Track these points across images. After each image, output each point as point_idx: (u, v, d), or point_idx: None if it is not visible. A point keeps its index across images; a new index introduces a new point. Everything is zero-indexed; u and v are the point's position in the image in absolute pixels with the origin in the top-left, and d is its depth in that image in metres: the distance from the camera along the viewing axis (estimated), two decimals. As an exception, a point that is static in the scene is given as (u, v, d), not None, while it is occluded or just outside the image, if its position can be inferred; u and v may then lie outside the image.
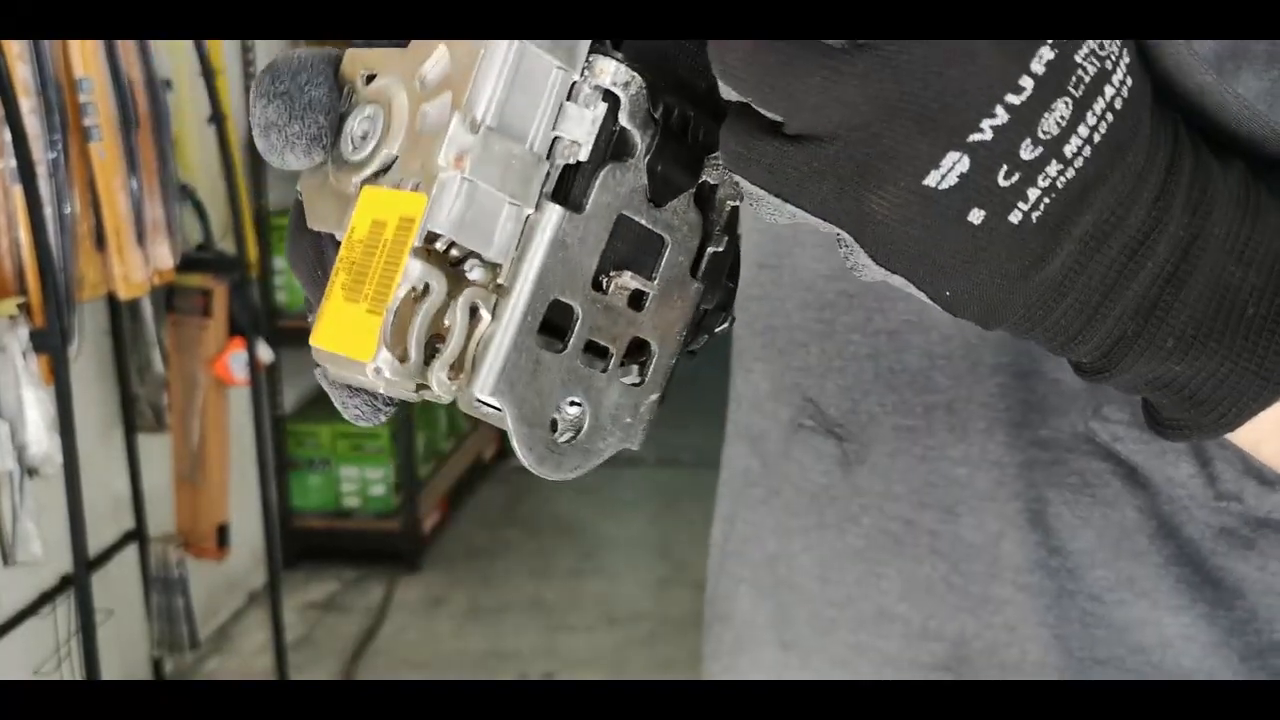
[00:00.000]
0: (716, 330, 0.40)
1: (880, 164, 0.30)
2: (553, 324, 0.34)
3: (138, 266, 2.05)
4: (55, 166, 1.85)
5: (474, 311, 0.33)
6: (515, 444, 0.34)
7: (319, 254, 0.38)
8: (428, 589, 3.21)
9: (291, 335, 3.05)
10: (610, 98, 0.34)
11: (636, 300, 0.36)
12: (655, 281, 0.36)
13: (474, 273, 0.33)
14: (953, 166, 0.30)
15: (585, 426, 0.36)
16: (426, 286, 0.32)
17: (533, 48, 0.33)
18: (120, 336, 2.41)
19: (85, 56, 1.94)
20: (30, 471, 1.75)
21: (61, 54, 1.91)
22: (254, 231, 2.71)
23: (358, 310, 0.33)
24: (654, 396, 0.37)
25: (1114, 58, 0.31)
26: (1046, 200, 0.31)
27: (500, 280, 0.34)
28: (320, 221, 0.37)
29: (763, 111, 0.31)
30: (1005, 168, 0.30)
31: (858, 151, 0.30)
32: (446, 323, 0.33)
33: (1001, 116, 0.30)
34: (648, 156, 0.35)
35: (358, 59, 0.37)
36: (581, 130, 0.34)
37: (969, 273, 0.32)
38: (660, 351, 0.37)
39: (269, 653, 2.66)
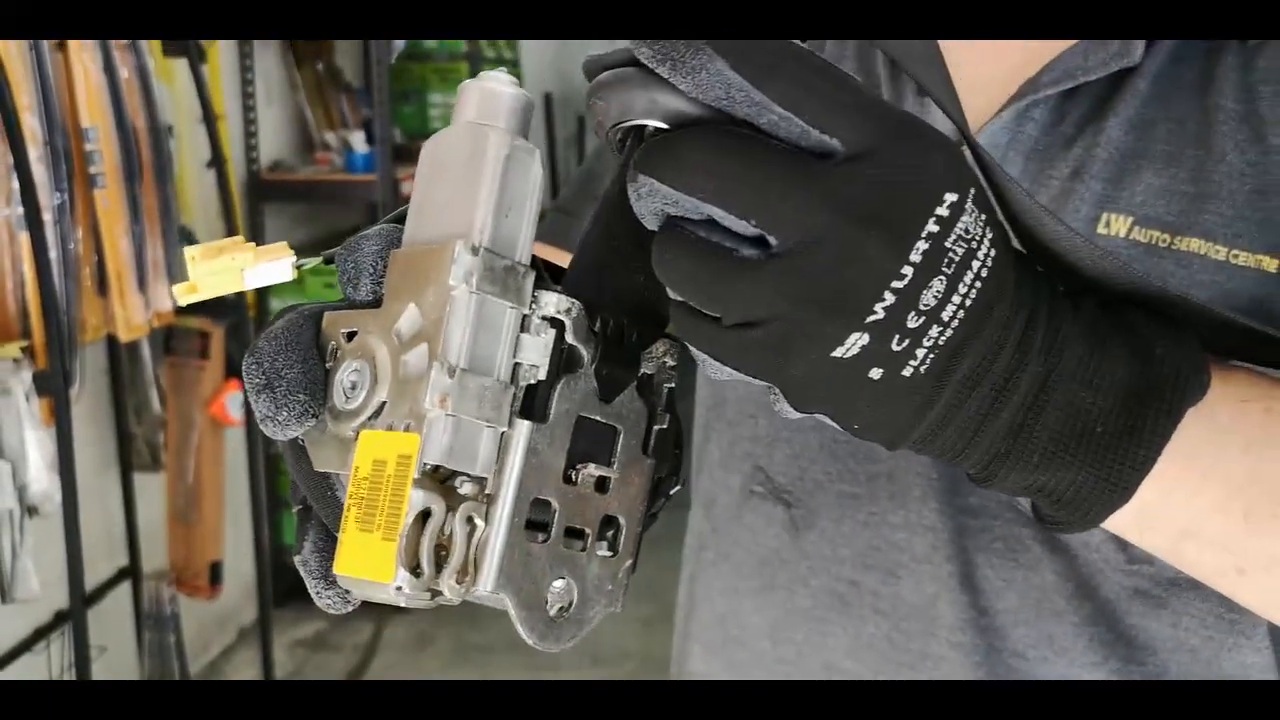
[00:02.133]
0: (671, 493, 0.46)
1: (796, 344, 0.37)
2: (534, 519, 0.40)
3: (138, 309, 2.09)
4: (60, 212, 1.89)
5: (470, 521, 0.39)
6: (518, 627, 0.40)
7: (324, 479, 0.44)
8: (415, 628, 3.23)
9: (285, 375, 3.08)
10: (556, 324, 0.40)
11: (601, 484, 0.42)
12: (614, 466, 0.42)
13: (464, 488, 0.39)
14: (855, 341, 0.37)
15: (574, 600, 0.42)
16: (429, 510, 0.38)
17: (490, 298, 0.39)
18: (119, 377, 2.45)
19: (91, 105, 1.99)
20: (30, 510, 1.79)
21: (69, 103, 1.96)
22: (251, 274, 2.75)
23: (373, 539, 0.38)
24: (628, 563, 0.44)
25: (979, 237, 0.38)
26: (931, 356, 0.38)
27: (488, 490, 0.39)
28: (324, 464, 0.42)
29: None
30: (897, 336, 0.37)
31: (777, 336, 0.37)
32: (447, 532, 0.39)
33: (890, 299, 0.37)
34: (594, 364, 0.41)
35: (337, 320, 0.43)
36: (537, 355, 0.40)
37: (872, 414, 0.39)
38: (628, 523, 0.43)
39: (258, 690, 2.68)
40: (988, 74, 0.67)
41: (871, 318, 0.37)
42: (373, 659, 3.08)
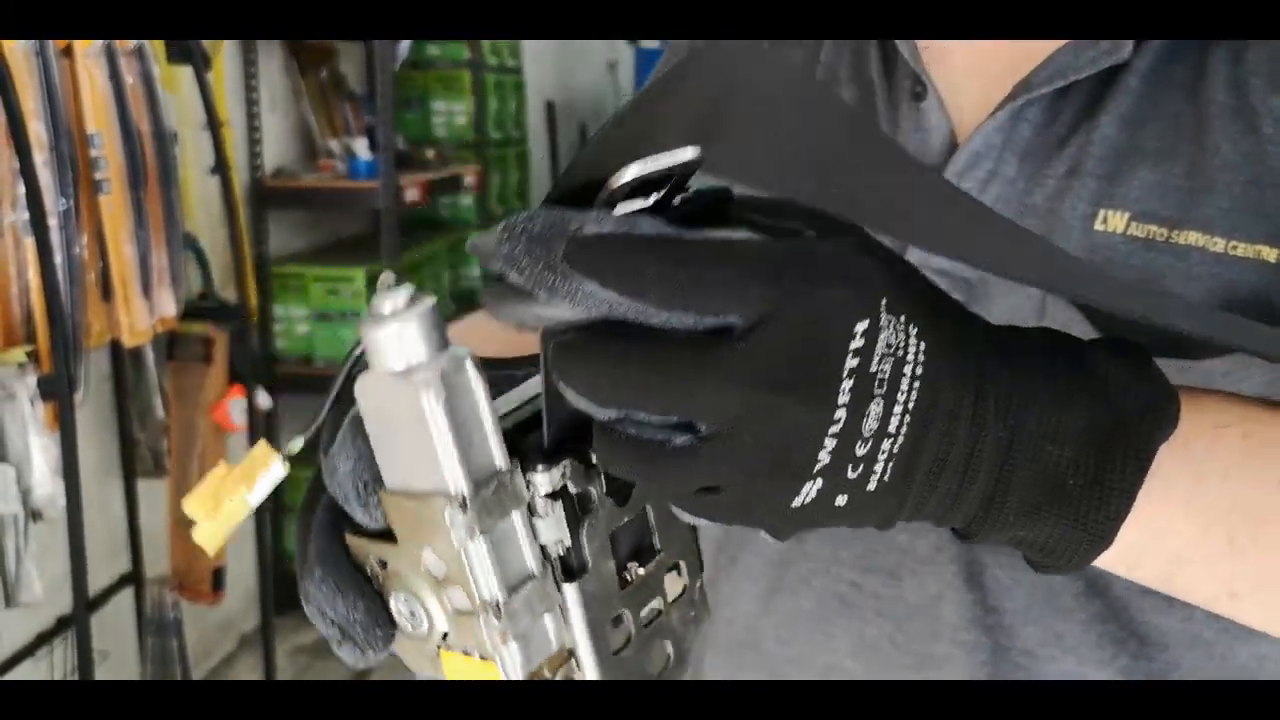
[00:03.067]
0: None
1: (753, 505, 0.38)
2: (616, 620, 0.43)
3: (142, 315, 2.10)
4: (66, 218, 1.90)
5: (568, 672, 0.42)
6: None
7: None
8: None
9: (288, 382, 3.09)
10: (558, 494, 0.41)
11: (652, 558, 0.44)
12: (655, 542, 0.44)
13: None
14: (809, 489, 0.38)
15: (672, 655, 0.45)
16: None
17: (496, 526, 0.40)
18: (122, 383, 2.45)
19: (97, 111, 2.00)
20: (34, 515, 1.79)
21: (74, 109, 1.97)
22: (254, 280, 2.77)
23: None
24: (698, 582, 0.46)
25: (904, 344, 0.38)
26: (890, 465, 0.39)
27: (568, 646, 0.42)
28: (418, 667, 0.44)
29: None
30: (849, 467, 0.38)
31: (732, 501, 0.38)
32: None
33: (831, 444, 0.37)
34: (603, 491, 0.42)
35: (364, 547, 0.43)
36: (555, 531, 0.41)
37: (852, 521, 0.40)
38: (686, 561, 0.46)
39: (260, 696, 2.67)
40: (981, 76, 0.68)
41: (818, 465, 0.37)
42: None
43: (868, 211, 0.37)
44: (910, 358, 0.38)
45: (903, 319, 0.38)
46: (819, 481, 0.38)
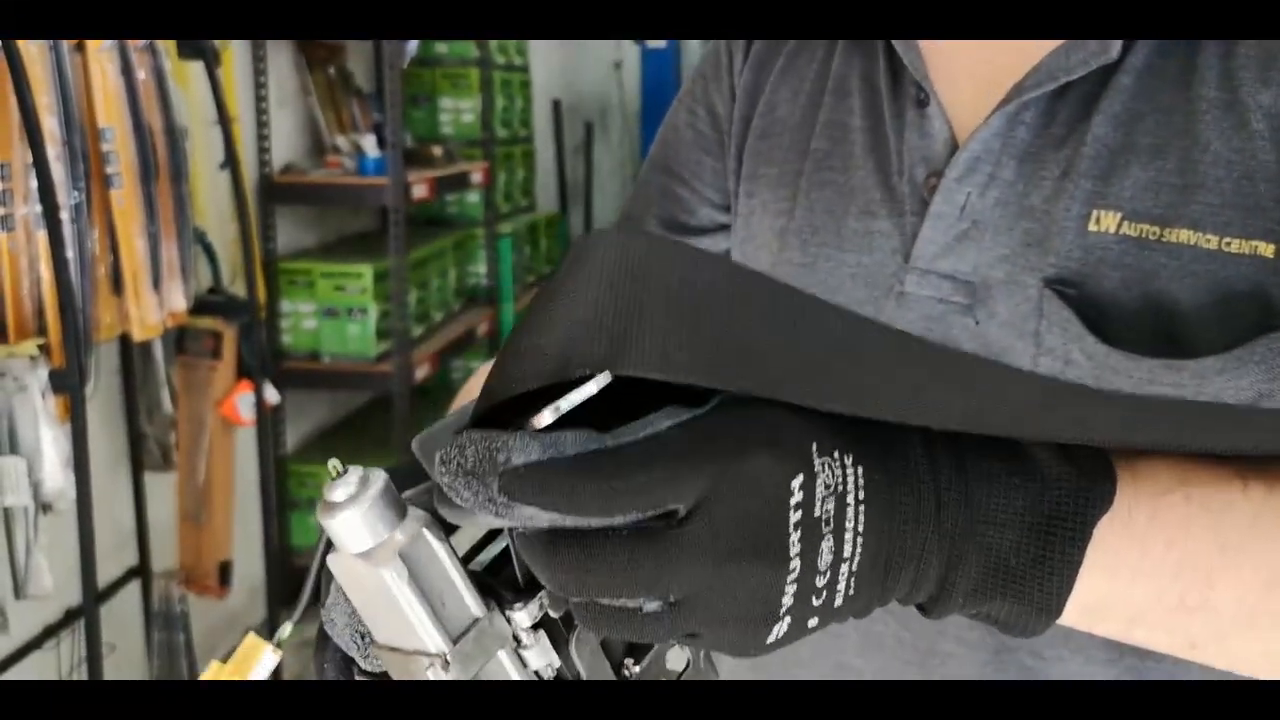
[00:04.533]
0: None
1: (733, 648, 0.41)
2: None
3: (152, 309, 2.11)
4: (77, 212, 1.91)
5: None
6: None
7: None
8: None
9: (295, 377, 3.10)
10: (540, 624, 0.43)
11: (648, 650, 0.46)
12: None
13: None
14: (779, 628, 0.40)
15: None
16: None
17: (485, 665, 0.42)
18: (131, 377, 2.46)
19: (109, 107, 2.01)
20: (44, 507, 1.80)
21: (87, 104, 1.97)
22: (263, 275, 2.77)
23: None
24: (701, 650, 0.48)
25: (843, 478, 0.40)
26: (852, 580, 0.41)
27: None
28: None
29: None
30: (813, 598, 0.41)
31: (715, 643, 0.40)
32: None
33: (791, 589, 0.40)
34: None
35: None
36: (544, 658, 0.43)
37: (831, 625, 0.43)
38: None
39: (266, 690, 2.68)
40: (982, 82, 0.68)
41: (784, 609, 0.40)
42: (379, 661, 3.08)
43: (793, 390, 0.40)
44: (851, 487, 0.41)
45: (835, 454, 0.40)
46: (787, 620, 0.40)
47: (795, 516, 0.39)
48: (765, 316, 0.42)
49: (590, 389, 0.37)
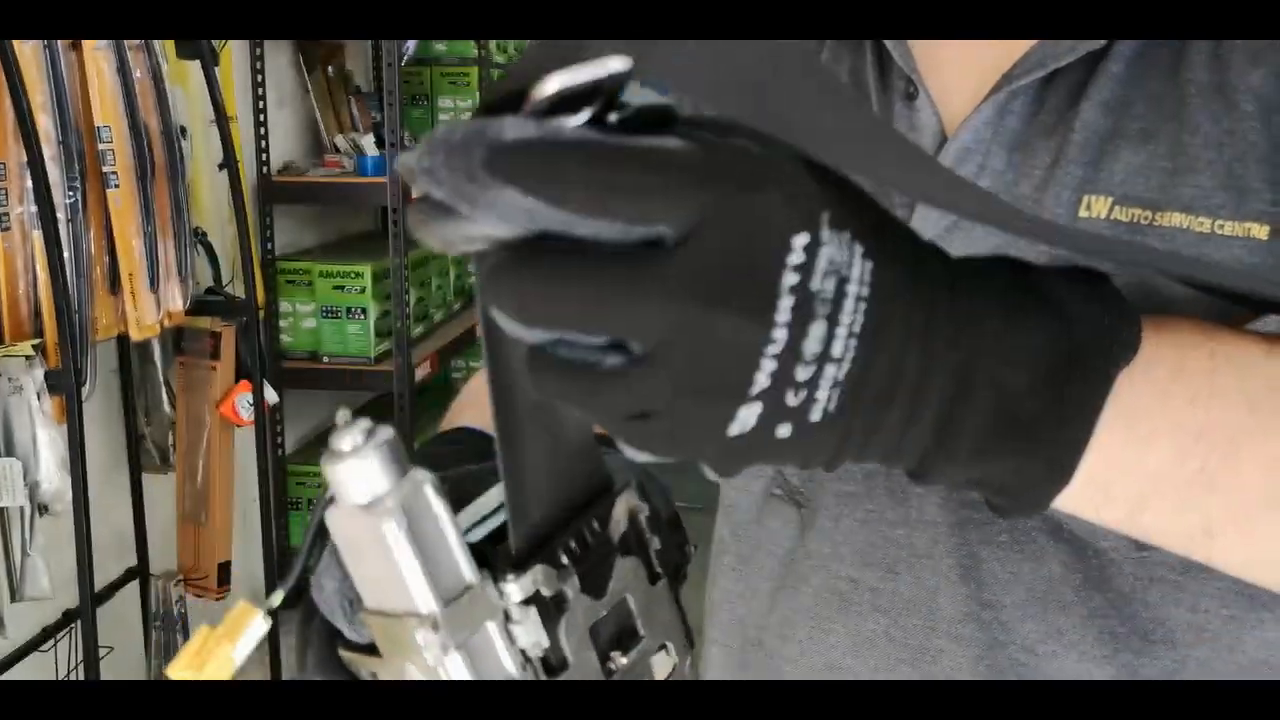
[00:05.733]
0: (691, 554, 0.49)
1: (688, 433, 0.36)
2: None
3: (150, 309, 2.10)
4: (73, 212, 1.90)
5: None
6: None
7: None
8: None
9: (294, 377, 3.09)
10: (531, 599, 0.42)
11: (635, 644, 0.45)
12: (639, 627, 0.45)
13: None
14: (747, 415, 0.35)
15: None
16: None
17: (470, 639, 0.41)
18: (129, 377, 2.46)
19: (105, 106, 2.00)
20: (41, 509, 1.79)
21: (83, 103, 1.97)
22: (262, 275, 2.77)
23: None
24: (688, 659, 0.47)
25: (848, 261, 0.36)
26: (836, 393, 0.36)
27: None
28: None
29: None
30: (790, 393, 0.36)
31: (666, 429, 0.36)
32: None
33: (770, 365, 0.35)
34: (578, 589, 0.43)
35: (357, 661, 0.45)
36: (533, 634, 0.42)
37: (797, 457, 0.38)
38: (673, 641, 0.46)
39: (265, 692, 2.67)
40: (970, 72, 0.68)
41: (756, 388, 0.35)
42: (379, 662, 3.08)
43: (809, 135, 0.35)
44: (855, 277, 0.36)
45: (848, 235, 0.36)
46: (758, 406, 0.35)
47: (791, 280, 0.34)
48: (808, 74, 0.37)
49: (611, 65, 0.33)
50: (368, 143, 3.24)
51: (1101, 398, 0.40)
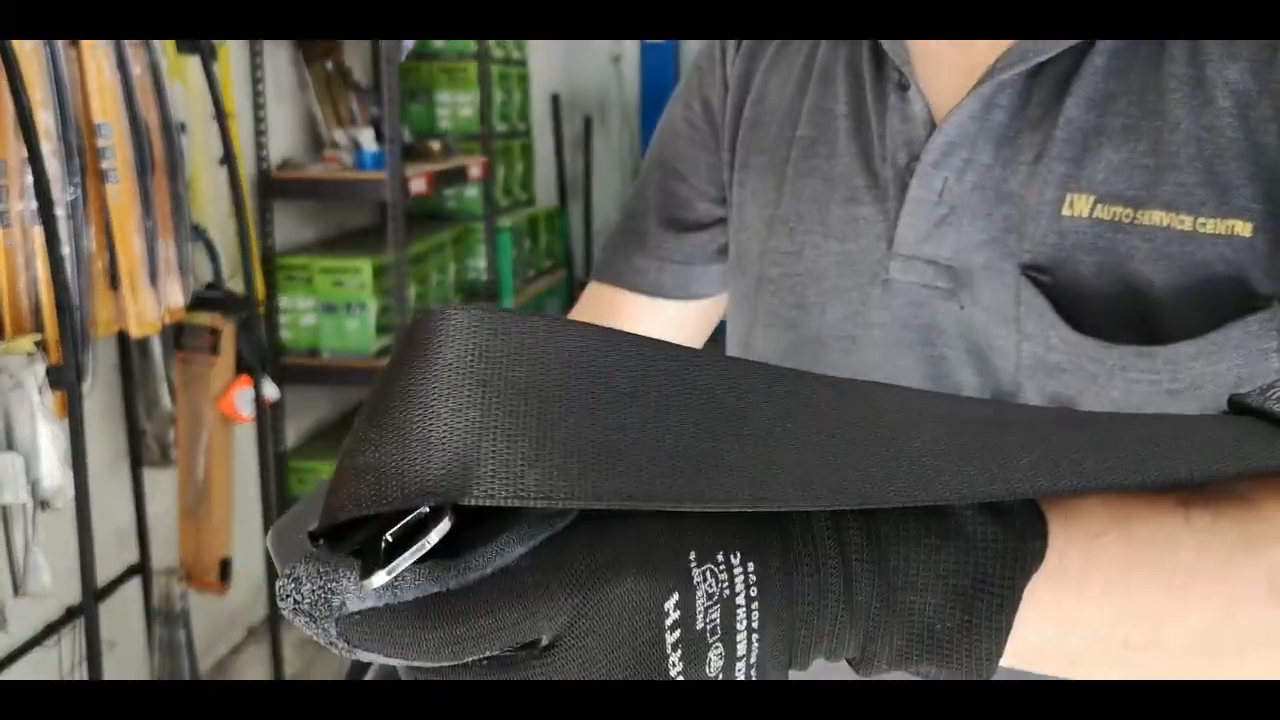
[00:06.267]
0: None
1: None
2: None
3: (150, 305, 2.10)
4: (73, 208, 1.90)
5: None
6: None
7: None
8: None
9: (294, 373, 3.10)
10: None
11: None
12: None
13: None
14: None
15: None
16: None
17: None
18: (129, 373, 2.46)
19: (104, 102, 2.00)
20: (42, 504, 1.79)
21: (82, 99, 1.97)
22: (261, 271, 2.77)
23: None
24: None
25: (727, 581, 0.36)
26: (752, 672, 0.38)
27: None
28: None
29: None
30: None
31: None
32: None
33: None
34: None
35: None
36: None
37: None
38: None
39: (267, 687, 2.68)
40: (961, 66, 0.68)
41: None
42: (380, 657, 3.08)
43: (665, 493, 0.35)
44: (741, 587, 0.37)
45: (720, 556, 0.37)
46: None
47: (673, 637, 0.36)
48: (631, 397, 0.37)
49: (433, 538, 0.33)
50: (367, 138, 3.25)
51: (1009, 616, 0.41)
